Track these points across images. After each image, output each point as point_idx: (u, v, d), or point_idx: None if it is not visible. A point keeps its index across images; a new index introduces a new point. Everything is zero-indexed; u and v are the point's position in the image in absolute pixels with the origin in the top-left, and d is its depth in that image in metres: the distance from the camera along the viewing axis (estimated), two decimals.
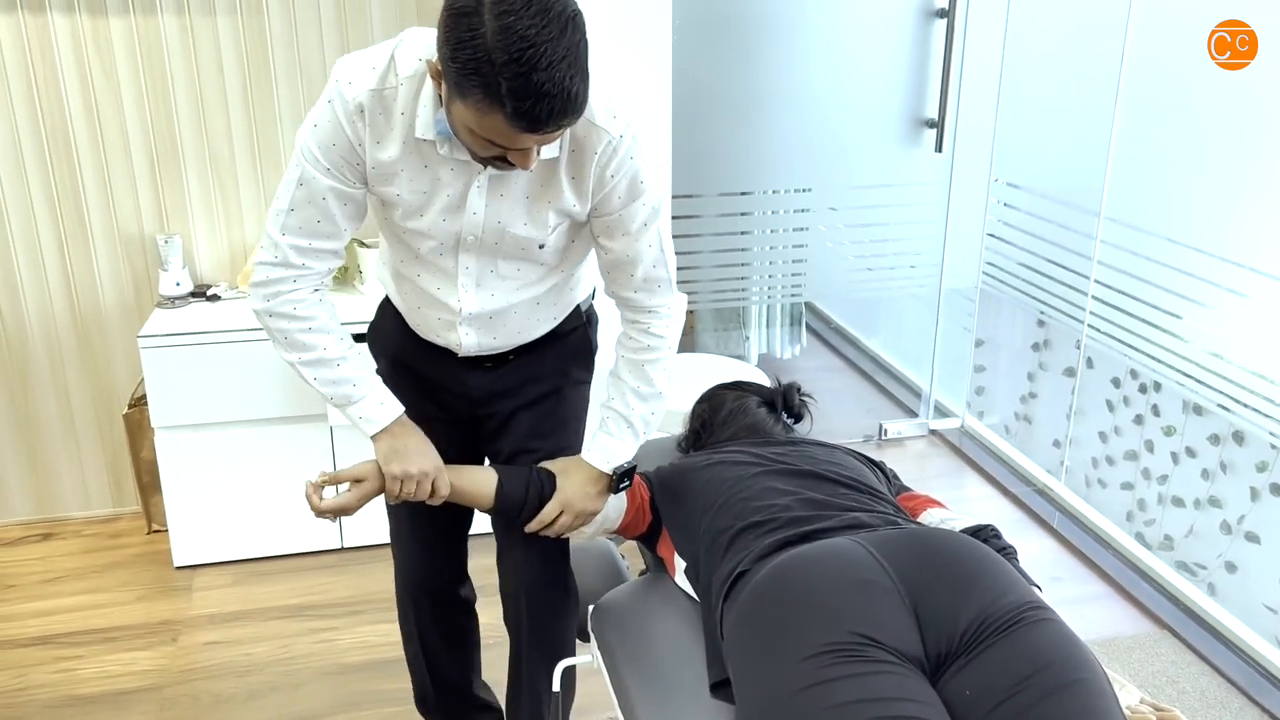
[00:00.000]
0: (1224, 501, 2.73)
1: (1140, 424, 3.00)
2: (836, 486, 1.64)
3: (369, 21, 2.84)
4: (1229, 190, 2.60)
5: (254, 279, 1.56)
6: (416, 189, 1.50)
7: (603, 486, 1.69)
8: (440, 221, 1.53)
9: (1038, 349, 3.43)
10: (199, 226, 2.93)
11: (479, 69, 1.22)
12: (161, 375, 2.66)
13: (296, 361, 1.58)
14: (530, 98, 1.22)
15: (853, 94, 3.25)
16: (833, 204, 3.39)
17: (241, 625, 2.62)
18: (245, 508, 2.83)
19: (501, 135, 1.29)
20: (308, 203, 1.50)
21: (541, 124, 1.26)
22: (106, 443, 3.05)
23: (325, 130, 1.46)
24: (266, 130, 2.88)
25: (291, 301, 1.55)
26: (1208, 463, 2.79)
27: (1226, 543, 2.74)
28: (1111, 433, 3.10)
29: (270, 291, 1.55)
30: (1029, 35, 3.21)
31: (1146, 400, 2.98)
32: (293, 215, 1.51)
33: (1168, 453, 2.91)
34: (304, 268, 1.54)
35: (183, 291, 2.86)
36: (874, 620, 1.29)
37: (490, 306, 1.63)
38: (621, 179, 1.51)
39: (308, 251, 1.53)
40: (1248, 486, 2.69)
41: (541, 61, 1.21)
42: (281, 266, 1.53)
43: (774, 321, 4.02)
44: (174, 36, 2.75)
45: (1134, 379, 3.01)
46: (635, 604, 1.76)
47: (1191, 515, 2.84)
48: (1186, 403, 2.82)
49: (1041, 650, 1.27)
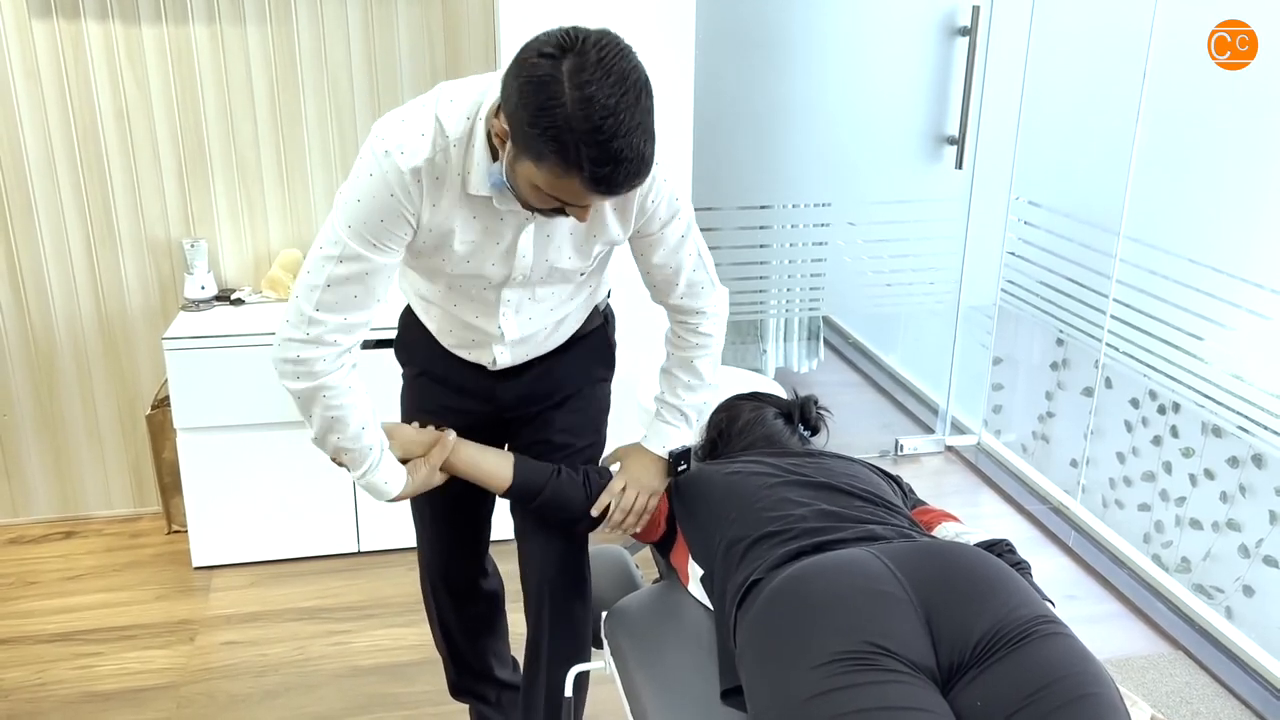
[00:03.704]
0: (1243, 525, 2.72)
1: (1159, 445, 2.99)
2: (852, 499, 1.65)
3: (395, 33, 2.87)
4: (1249, 210, 2.60)
5: (282, 355, 1.50)
6: (466, 240, 1.52)
7: (662, 468, 1.80)
8: (490, 266, 1.56)
9: (1056, 368, 3.42)
10: (224, 232, 2.97)
11: (559, 136, 1.25)
12: (185, 377, 2.69)
13: (316, 440, 1.58)
14: (610, 164, 1.26)
15: (874, 110, 3.27)
16: (852, 219, 3.40)
17: (258, 626, 2.64)
18: (264, 510, 2.86)
19: (573, 196, 1.33)
20: (346, 280, 1.46)
21: (618, 187, 1.30)
22: (129, 443, 3.09)
23: (370, 205, 1.43)
24: (293, 138, 2.92)
25: (324, 388, 1.51)
26: (1227, 485, 2.77)
27: (1244, 566, 2.72)
28: (1129, 453, 3.09)
29: (301, 370, 1.50)
30: (1051, 53, 3.21)
31: (1165, 421, 2.97)
32: (328, 292, 1.46)
33: (1186, 474, 2.90)
34: (335, 344, 1.50)
35: (207, 295, 2.90)
36: (887, 630, 1.30)
37: (528, 330, 1.68)
38: (661, 203, 1.56)
39: (341, 328, 1.49)
40: (1267, 510, 2.68)
41: (621, 129, 1.24)
42: (313, 345, 1.49)
43: (791, 335, 4.03)
44: (204, 44, 2.80)
45: (1153, 400, 3.00)
46: (648, 611, 1.78)
47: (1210, 538, 2.83)
48: (1205, 424, 2.81)
49: (1054, 664, 1.27)
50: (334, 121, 2.92)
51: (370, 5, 2.84)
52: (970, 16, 3.14)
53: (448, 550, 1.91)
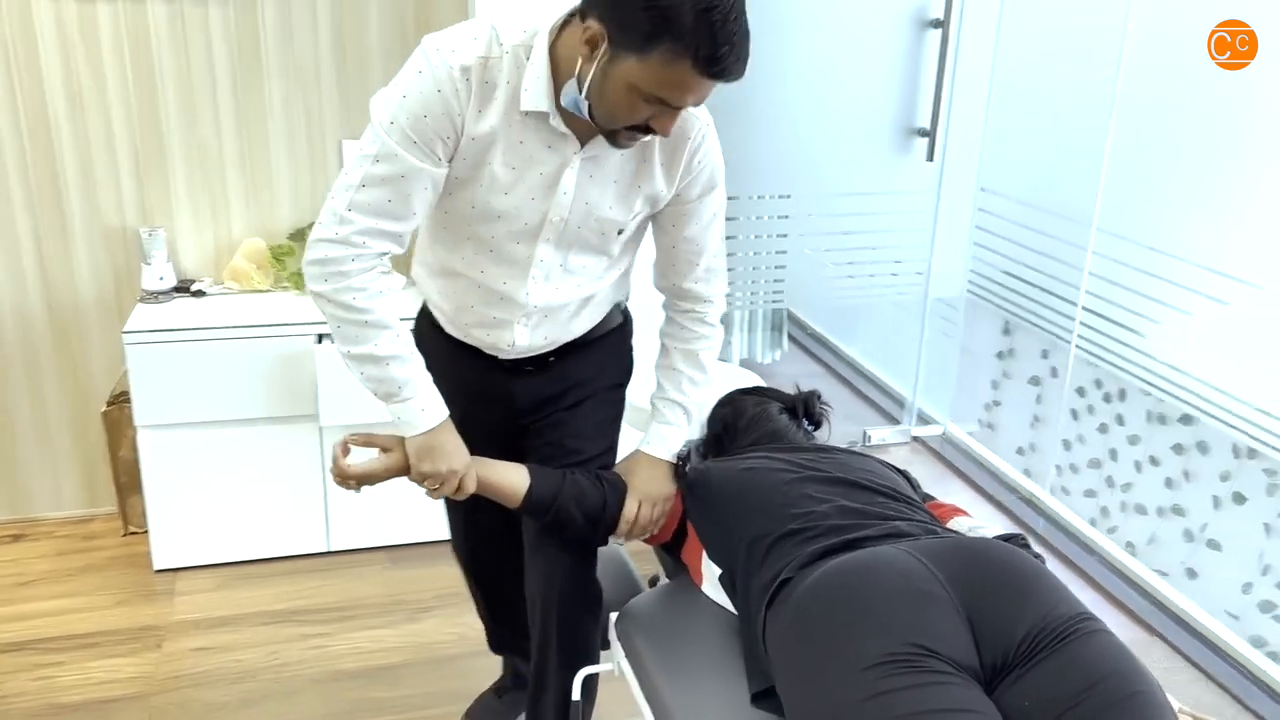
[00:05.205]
0: (1187, 510, 2.79)
1: (1105, 432, 3.07)
2: (873, 495, 1.63)
3: (366, 12, 2.78)
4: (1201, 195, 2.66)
5: (311, 256, 1.47)
6: (508, 164, 1.47)
7: (670, 472, 1.74)
8: (529, 201, 1.50)
9: (1003, 357, 3.49)
10: (183, 220, 2.84)
11: (675, 14, 1.26)
12: (146, 372, 2.58)
13: (346, 354, 1.52)
14: (724, 43, 1.28)
15: (845, 102, 3.26)
16: (820, 211, 3.39)
17: (229, 631, 2.54)
18: (229, 509, 2.75)
19: (677, 87, 1.33)
20: (383, 181, 1.42)
21: (727, 71, 1.31)
22: (81, 442, 2.95)
23: (417, 100, 1.39)
24: (256, 123, 2.80)
25: (351, 289, 1.46)
26: (1171, 471, 2.85)
27: (1189, 550, 2.80)
28: (1076, 440, 3.17)
29: (329, 271, 1.46)
30: (1022, 46, 3.24)
31: (1111, 410, 3.06)
32: (364, 191, 1.43)
33: (1132, 461, 2.97)
34: (364, 247, 1.45)
35: (166, 286, 2.78)
36: (932, 630, 1.28)
37: (555, 301, 1.62)
38: (705, 168, 1.56)
39: (372, 232, 1.45)
40: (1210, 495, 2.75)
41: (731, 12, 1.28)
42: (341, 244, 1.44)
43: (755, 326, 4.02)
44: (163, 24, 2.67)
45: (1099, 388, 3.08)
46: (663, 612, 1.74)
47: (1155, 523, 2.91)
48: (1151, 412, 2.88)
49: (1099, 662, 1.27)
50: (300, 105, 2.81)
51: None
52: (943, 8, 3.14)
53: (480, 543, 1.93)
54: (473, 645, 2.45)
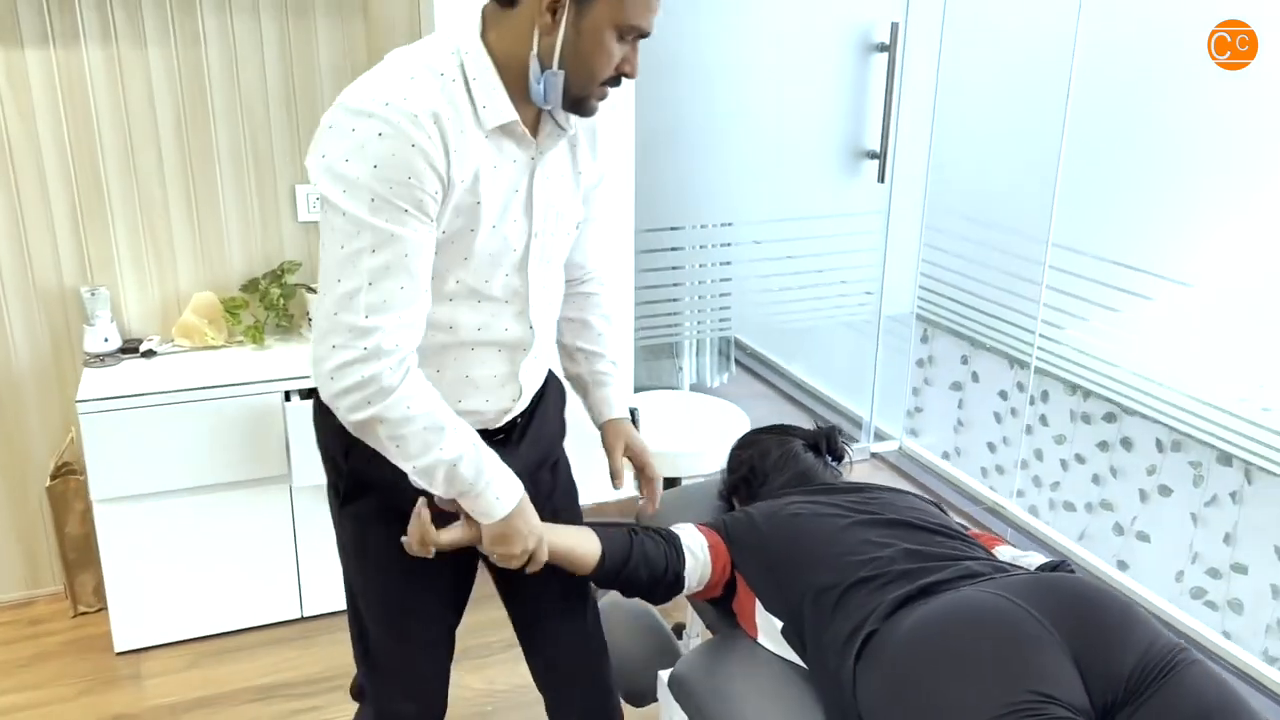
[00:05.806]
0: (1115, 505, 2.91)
1: (1031, 434, 3.20)
2: (930, 535, 1.62)
3: (314, 51, 2.66)
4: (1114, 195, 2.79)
5: (341, 385, 1.30)
6: (492, 195, 1.37)
7: (630, 422, 1.76)
8: (512, 225, 1.41)
9: (923, 365, 3.61)
10: (127, 277, 2.66)
11: None
12: (101, 443, 2.40)
13: (412, 469, 1.36)
14: None
15: (794, 127, 3.28)
16: (769, 236, 3.40)
17: (209, 712, 2.38)
18: (195, 582, 2.58)
19: (646, 5, 1.30)
20: (388, 269, 1.27)
21: None
22: (17, 519, 2.73)
23: (391, 165, 1.24)
24: (203, 171, 2.65)
25: (402, 401, 1.31)
26: (1099, 468, 2.96)
27: (1119, 544, 2.92)
28: (1000, 443, 3.36)
29: (370, 393, 1.30)
30: (966, 67, 3.32)
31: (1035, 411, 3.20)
32: (374, 290, 1.27)
33: (1057, 460, 3.14)
34: (397, 350, 1.30)
35: (111, 348, 2.60)
36: (1048, 676, 1.28)
37: (549, 319, 1.57)
38: (602, 141, 1.53)
39: (401, 326, 1.30)
40: (1137, 489, 2.87)
41: None
42: (374, 359, 1.28)
43: (703, 350, 4.01)
44: (100, 69, 2.50)
45: (1021, 390, 3.20)
46: (721, 669, 1.68)
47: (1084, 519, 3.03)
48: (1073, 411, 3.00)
49: (1207, 694, 1.29)
50: (249, 151, 2.67)
51: (286, 21, 2.62)
52: (889, 33, 3.19)
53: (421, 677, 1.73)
54: (471, 706, 2.36)
